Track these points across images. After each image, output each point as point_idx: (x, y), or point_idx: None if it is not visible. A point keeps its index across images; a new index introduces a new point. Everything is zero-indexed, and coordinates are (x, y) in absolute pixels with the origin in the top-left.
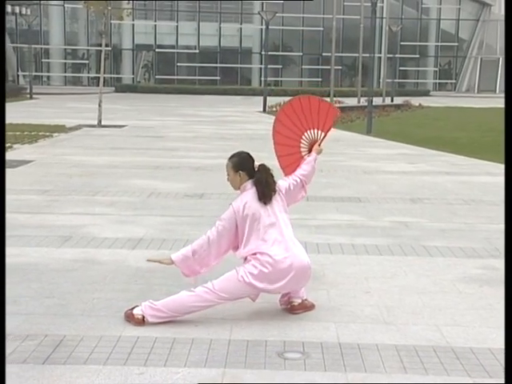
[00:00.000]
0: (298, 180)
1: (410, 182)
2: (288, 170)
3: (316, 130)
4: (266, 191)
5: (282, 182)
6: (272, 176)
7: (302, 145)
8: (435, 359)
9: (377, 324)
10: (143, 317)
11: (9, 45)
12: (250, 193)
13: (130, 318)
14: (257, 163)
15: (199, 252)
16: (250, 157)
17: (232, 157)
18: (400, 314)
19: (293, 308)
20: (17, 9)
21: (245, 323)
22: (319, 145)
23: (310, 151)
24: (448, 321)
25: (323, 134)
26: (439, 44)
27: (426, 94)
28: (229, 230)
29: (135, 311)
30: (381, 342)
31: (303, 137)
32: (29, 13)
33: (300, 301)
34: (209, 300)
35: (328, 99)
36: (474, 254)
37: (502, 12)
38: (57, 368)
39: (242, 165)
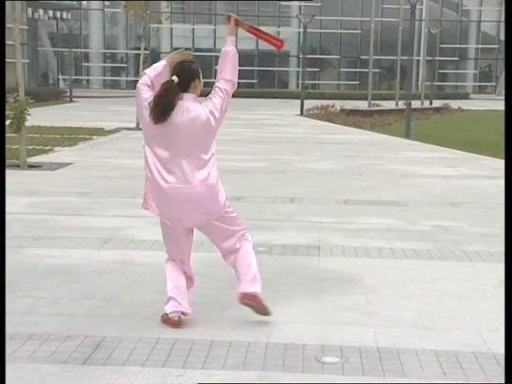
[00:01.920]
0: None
1: (449, 186)
2: None
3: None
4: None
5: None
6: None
7: None
8: (476, 365)
9: (416, 329)
10: (179, 317)
11: (50, 49)
12: None
13: (166, 321)
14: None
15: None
16: (175, 66)
17: None
18: (439, 319)
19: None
20: (58, 13)
21: (283, 326)
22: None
23: None
24: (489, 326)
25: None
26: (479, 46)
27: (465, 96)
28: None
29: (170, 314)
30: (420, 347)
31: None
32: (69, 17)
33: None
34: None
35: (366, 102)
36: None
37: None
38: (96, 369)
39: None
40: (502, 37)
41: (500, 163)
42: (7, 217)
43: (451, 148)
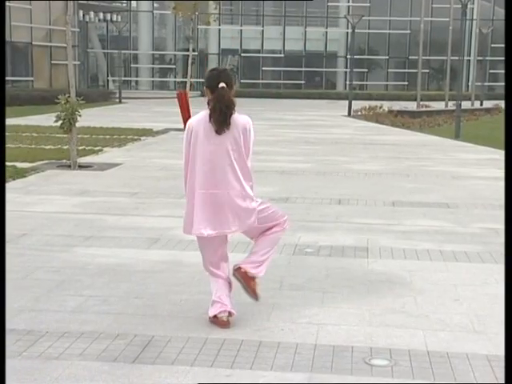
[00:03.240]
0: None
1: (500, 188)
2: None
3: None
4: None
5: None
6: (227, 106)
7: None
8: None
9: (466, 333)
10: (227, 317)
11: (100, 51)
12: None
13: (215, 322)
14: (222, 84)
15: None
16: (218, 74)
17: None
18: (491, 323)
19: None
20: (108, 16)
21: (331, 328)
22: None
23: None
24: None
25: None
26: None
27: None
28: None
29: (218, 315)
30: (471, 351)
31: None
32: (119, 19)
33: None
34: None
35: (414, 103)
36: None
37: None
38: (146, 367)
39: (207, 81)
40: None
41: None
42: (58, 216)
43: (502, 149)
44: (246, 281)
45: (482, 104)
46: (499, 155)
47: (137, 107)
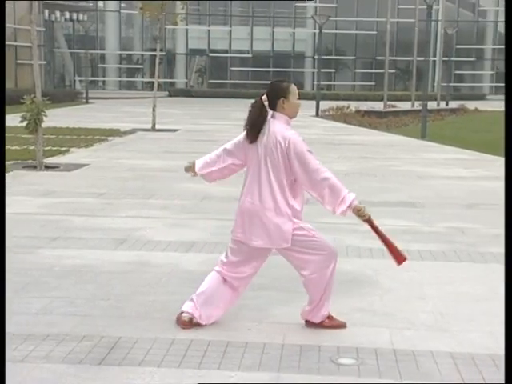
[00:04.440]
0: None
1: (465, 188)
2: None
3: None
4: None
5: (299, 143)
6: (260, 114)
7: None
8: (493, 368)
9: (432, 331)
10: (190, 319)
11: (66, 50)
12: None
13: (177, 320)
14: (264, 96)
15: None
16: (275, 85)
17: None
18: (456, 321)
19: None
20: (74, 15)
21: (298, 327)
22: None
23: None
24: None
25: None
26: (496, 47)
27: (481, 97)
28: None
29: (183, 314)
30: (436, 349)
31: None
32: (86, 19)
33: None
34: None
35: (381, 103)
36: None
37: None
38: (112, 369)
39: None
40: None
41: None
42: (24, 217)
43: (467, 149)
44: (324, 326)
45: (447, 104)
46: (465, 155)
47: (104, 107)
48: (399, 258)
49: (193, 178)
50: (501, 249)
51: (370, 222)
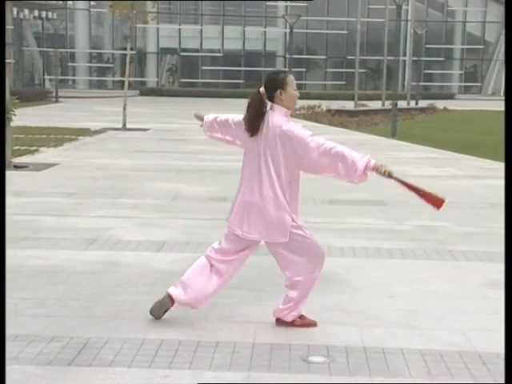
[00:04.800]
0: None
1: (436, 186)
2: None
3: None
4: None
5: (300, 134)
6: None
7: None
8: (461, 364)
9: (401, 328)
10: (169, 295)
11: (35, 49)
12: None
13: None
14: (261, 88)
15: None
16: (272, 76)
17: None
18: (425, 319)
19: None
20: (43, 13)
21: (269, 326)
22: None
23: None
24: (473, 325)
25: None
26: (465, 47)
27: (451, 97)
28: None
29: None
30: (405, 346)
31: None
32: (55, 17)
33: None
34: None
35: (352, 103)
36: (500, 258)
37: None
38: (82, 370)
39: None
40: (488, 37)
41: (486, 163)
42: None
43: (437, 148)
44: (295, 325)
45: (417, 103)
46: (435, 154)
47: (74, 106)
48: (437, 202)
49: (163, 177)
50: (470, 246)
51: (391, 177)
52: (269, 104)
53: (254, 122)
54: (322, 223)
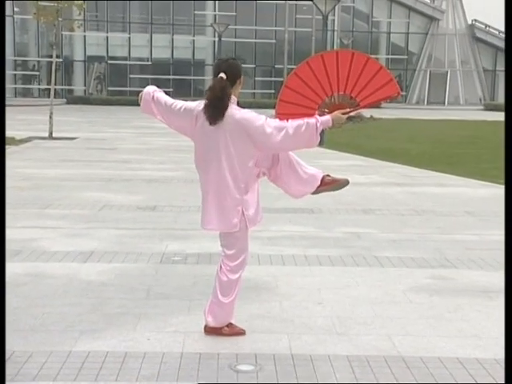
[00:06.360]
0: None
1: (362, 193)
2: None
3: (345, 96)
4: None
5: (254, 120)
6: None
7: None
8: (386, 369)
9: (329, 335)
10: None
11: None
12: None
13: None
14: (222, 74)
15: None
16: (220, 64)
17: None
18: (352, 325)
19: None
20: None
21: (197, 335)
22: (346, 114)
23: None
24: (399, 330)
25: (356, 104)
26: (389, 57)
27: (376, 105)
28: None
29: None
30: (333, 352)
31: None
32: None
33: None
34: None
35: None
36: (425, 264)
37: (450, 26)
38: None
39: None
40: (411, 48)
41: (410, 170)
42: None
43: (363, 156)
44: (224, 334)
45: None
46: (361, 161)
47: None
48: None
49: (91, 186)
50: (395, 253)
51: (348, 117)
52: None
53: (219, 108)
54: (251, 231)
